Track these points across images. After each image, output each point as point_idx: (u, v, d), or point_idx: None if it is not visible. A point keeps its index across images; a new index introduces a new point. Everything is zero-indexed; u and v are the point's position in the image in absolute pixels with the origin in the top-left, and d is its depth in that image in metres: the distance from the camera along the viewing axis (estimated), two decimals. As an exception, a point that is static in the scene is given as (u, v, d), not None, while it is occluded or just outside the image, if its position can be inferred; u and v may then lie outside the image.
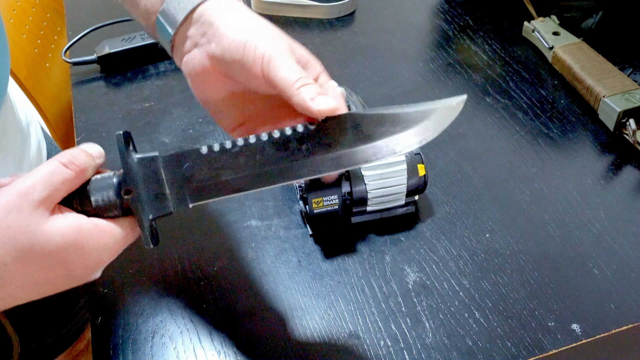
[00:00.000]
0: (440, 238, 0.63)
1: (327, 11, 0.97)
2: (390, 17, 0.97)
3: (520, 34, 0.91)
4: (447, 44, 0.91)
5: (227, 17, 0.45)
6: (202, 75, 0.46)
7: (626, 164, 0.71)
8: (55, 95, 1.07)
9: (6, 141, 0.63)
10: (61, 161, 0.41)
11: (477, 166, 0.71)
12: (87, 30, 0.91)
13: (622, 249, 0.62)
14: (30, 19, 1.07)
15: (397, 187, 0.61)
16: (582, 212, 0.65)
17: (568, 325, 0.55)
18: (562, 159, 0.72)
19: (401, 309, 0.57)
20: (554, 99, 0.80)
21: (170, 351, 0.55)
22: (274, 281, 0.60)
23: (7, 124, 0.64)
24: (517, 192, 0.68)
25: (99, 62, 0.87)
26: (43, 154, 0.75)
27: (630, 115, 0.72)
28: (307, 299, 0.58)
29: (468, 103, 0.80)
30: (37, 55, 1.05)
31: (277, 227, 0.65)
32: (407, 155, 0.61)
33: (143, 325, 0.57)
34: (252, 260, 0.62)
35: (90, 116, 0.80)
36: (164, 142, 0.76)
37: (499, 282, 0.59)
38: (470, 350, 0.54)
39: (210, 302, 0.58)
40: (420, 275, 0.60)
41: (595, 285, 0.58)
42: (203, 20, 0.45)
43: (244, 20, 0.45)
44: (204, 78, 0.47)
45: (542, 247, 0.62)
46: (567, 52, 0.81)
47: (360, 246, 0.63)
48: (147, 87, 0.84)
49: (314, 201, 0.60)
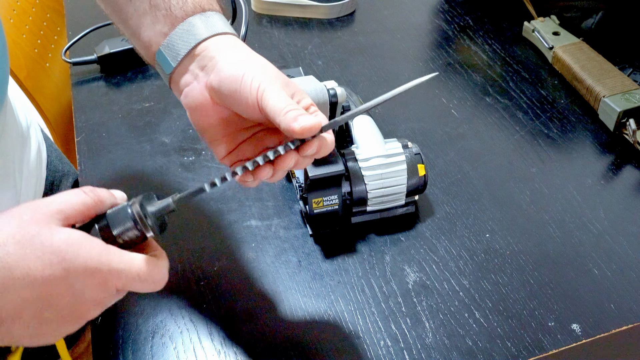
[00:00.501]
0: (440, 238, 0.63)
1: (327, 11, 0.97)
2: (390, 17, 0.97)
3: (520, 34, 0.91)
4: (447, 44, 0.91)
5: (227, 52, 0.47)
6: (201, 106, 0.49)
7: (626, 164, 0.71)
8: (55, 95, 1.07)
9: (5, 144, 0.63)
10: (82, 189, 0.42)
11: (477, 166, 0.71)
12: (87, 30, 0.91)
13: (622, 249, 0.62)
14: (30, 19, 1.07)
15: (397, 187, 0.61)
16: (582, 212, 0.65)
17: (568, 325, 0.55)
18: (562, 159, 0.72)
19: (401, 309, 0.57)
20: (554, 99, 0.80)
21: (170, 351, 0.55)
22: (274, 281, 0.60)
23: (6, 127, 0.63)
24: (517, 192, 0.68)
25: (99, 62, 0.87)
26: (43, 157, 0.75)
27: (630, 115, 0.72)
28: (307, 299, 0.58)
29: (468, 103, 0.80)
30: (37, 55, 1.05)
31: (277, 227, 0.65)
32: (407, 155, 0.61)
33: (143, 325, 0.57)
34: (252, 260, 0.62)
35: (90, 116, 0.80)
36: (164, 142, 0.76)
37: (499, 282, 0.59)
38: (470, 350, 0.54)
39: (210, 302, 0.58)
40: (420, 275, 0.60)
41: (595, 285, 0.58)
42: (204, 54, 0.48)
43: (242, 55, 0.48)
44: (202, 109, 0.49)
45: (542, 247, 0.62)
46: (567, 52, 0.81)
47: (360, 246, 0.63)
48: (147, 87, 0.84)
49: (314, 201, 0.60)
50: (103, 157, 0.74)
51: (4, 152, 0.63)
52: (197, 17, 0.48)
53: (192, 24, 0.48)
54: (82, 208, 0.41)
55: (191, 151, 0.74)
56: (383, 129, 0.65)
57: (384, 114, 0.78)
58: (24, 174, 0.67)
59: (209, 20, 0.49)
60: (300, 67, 0.72)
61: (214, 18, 0.49)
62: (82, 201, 0.41)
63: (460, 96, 0.81)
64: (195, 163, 0.73)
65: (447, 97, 0.81)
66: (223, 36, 0.49)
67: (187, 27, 0.48)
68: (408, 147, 0.62)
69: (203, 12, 0.49)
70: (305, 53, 0.90)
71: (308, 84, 0.61)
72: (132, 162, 0.73)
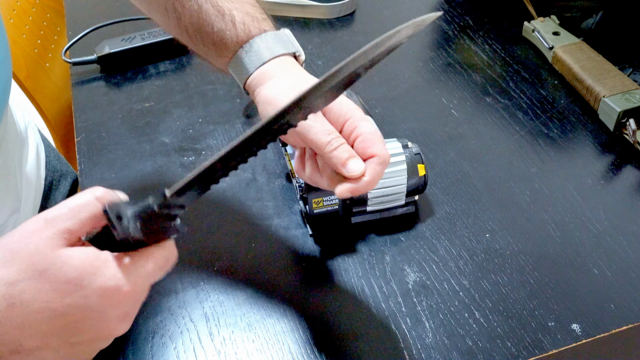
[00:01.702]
0: (440, 238, 0.63)
1: (327, 11, 0.97)
2: (390, 17, 0.97)
3: (520, 34, 0.91)
4: (447, 44, 0.91)
5: (271, 82, 0.51)
6: None
7: (626, 164, 0.71)
8: (55, 95, 1.07)
9: (6, 145, 0.63)
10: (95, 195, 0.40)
11: (477, 166, 0.71)
12: (87, 30, 0.91)
13: (622, 249, 0.62)
14: (30, 19, 1.07)
15: (397, 187, 0.61)
16: (582, 212, 0.65)
17: (568, 325, 0.55)
18: (562, 159, 0.72)
19: (401, 309, 0.57)
20: (554, 99, 0.80)
21: (170, 351, 0.55)
22: (274, 281, 0.60)
23: (6, 127, 0.63)
24: (517, 192, 0.68)
25: (99, 62, 0.87)
26: (42, 157, 0.75)
27: (630, 115, 0.72)
28: (306, 299, 0.58)
29: (468, 103, 0.80)
30: (37, 55, 1.05)
31: (277, 227, 0.65)
32: (407, 155, 0.61)
33: (143, 325, 0.57)
34: (252, 260, 0.62)
35: (90, 116, 0.80)
36: (164, 142, 0.76)
37: (499, 282, 0.59)
38: (470, 350, 0.54)
39: (210, 302, 0.58)
40: (420, 275, 0.60)
41: (595, 285, 0.58)
42: (254, 84, 0.52)
43: (283, 84, 0.50)
44: None
45: (542, 247, 0.62)
46: (567, 52, 0.81)
47: (360, 246, 0.63)
48: (147, 87, 0.84)
49: (314, 201, 0.60)
50: (103, 157, 0.74)
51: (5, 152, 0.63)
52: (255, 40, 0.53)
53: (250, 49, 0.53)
54: (92, 222, 0.39)
55: (191, 151, 0.74)
56: (383, 129, 0.65)
57: (384, 114, 0.78)
58: (24, 174, 0.67)
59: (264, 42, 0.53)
60: (300, 67, 0.72)
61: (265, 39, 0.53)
62: (92, 215, 0.39)
63: (460, 96, 0.81)
64: (195, 163, 0.73)
65: (447, 97, 0.81)
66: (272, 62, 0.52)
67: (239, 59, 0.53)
68: (408, 147, 0.62)
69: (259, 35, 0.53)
70: (305, 53, 0.90)
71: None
72: (132, 162, 0.73)
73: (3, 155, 0.62)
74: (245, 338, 0.56)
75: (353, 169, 0.46)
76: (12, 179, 0.63)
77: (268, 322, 0.57)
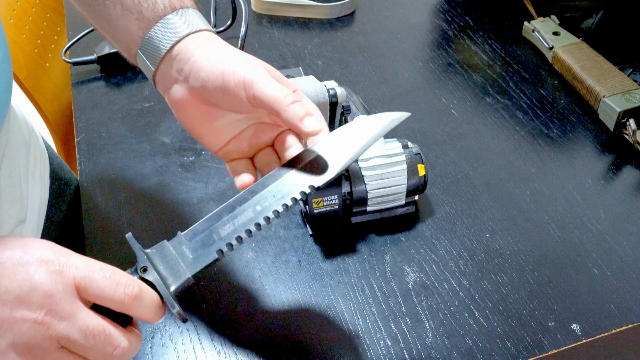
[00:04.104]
0: (440, 238, 0.63)
1: (327, 11, 0.97)
2: (390, 17, 0.97)
3: (520, 34, 0.91)
4: (447, 44, 0.91)
5: (201, 52, 0.47)
6: (186, 107, 0.49)
7: (626, 164, 0.71)
8: (55, 95, 1.07)
9: (10, 152, 0.62)
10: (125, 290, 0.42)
11: (477, 166, 0.71)
12: (87, 30, 0.91)
13: (622, 249, 0.62)
14: (30, 19, 1.07)
15: (397, 187, 0.61)
16: (582, 212, 0.65)
17: (568, 325, 0.55)
18: (562, 159, 0.72)
19: (401, 309, 0.57)
20: (554, 99, 0.80)
21: (170, 351, 0.55)
22: (274, 281, 0.60)
23: (10, 135, 0.63)
24: (517, 192, 0.68)
25: (99, 62, 0.87)
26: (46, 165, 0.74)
27: (630, 115, 0.72)
28: (307, 299, 0.58)
29: (468, 103, 0.80)
30: (37, 55, 1.05)
31: (277, 227, 0.65)
32: (407, 155, 0.61)
33: (143, 325, 0.57)
34: (252, 260, 0.62)
35: (90, 116, 0.80)
36: (164, 142, 0.76)
37: (499, 282, 0.59)
38: (470, 350, 0.54)
39: (210, 302, 0.58)
40: (420, 275, 0.60)
41: (595, 285, 0.58)
42: (179, 57, 0.48)
43: (216, 51, 0.47)
44: (187, 109, 0.49)
45: (542, 247, 0.62)
46: (567, 52, 0.81)
47: (360, 246, 0.63)
48: (147, 87, 0.84)
49: (314, 201, 0.60)
50: (103, 157, 0.74)
51: (10, 159, 0.62)
52: (169, 17, 0.48)
53: (165, 25, 0.48)
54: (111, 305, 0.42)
55: (191, 151, 0.74)
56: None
57: (384, 114, 0.78)
58: (30, 182, 0.67)
59: (185, 17, 0.48)
60: (300, 67, 0.72)
61: (187, 16, 0.49)
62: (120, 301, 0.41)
63: (460, 96, 0.81)
64: (195, 163, 0.73)
65: (447, 97, 0.81)
66: (197, 34, 0.48)
67: (160, 29, 0.48)
68: (408, 147, 0.62)
69: (175, 11, 0.48)
70: (305, 53, 0.90)
71: (308, 84, 0.61)
72: (132, 162, 0.73)
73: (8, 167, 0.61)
74: (245, 338, 0.56)
75: (310, 126, 0.45)
76: (18, 189, 0.63)
77: (268, 322, 0.57)
